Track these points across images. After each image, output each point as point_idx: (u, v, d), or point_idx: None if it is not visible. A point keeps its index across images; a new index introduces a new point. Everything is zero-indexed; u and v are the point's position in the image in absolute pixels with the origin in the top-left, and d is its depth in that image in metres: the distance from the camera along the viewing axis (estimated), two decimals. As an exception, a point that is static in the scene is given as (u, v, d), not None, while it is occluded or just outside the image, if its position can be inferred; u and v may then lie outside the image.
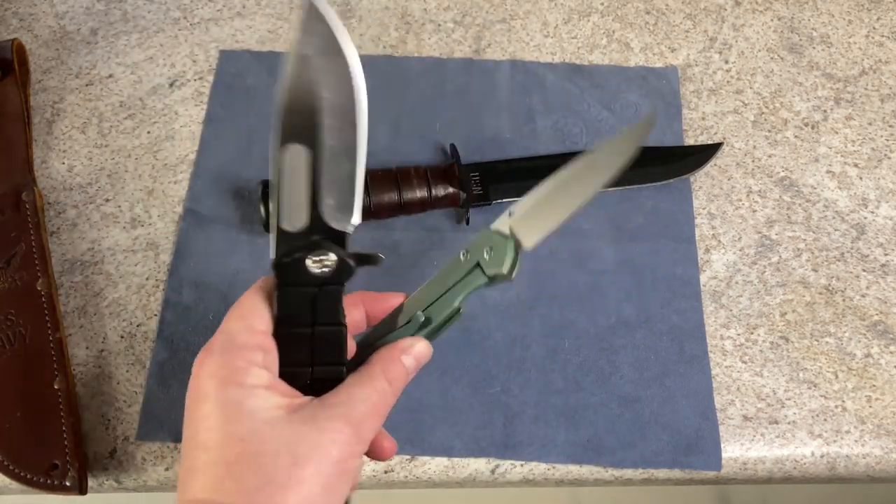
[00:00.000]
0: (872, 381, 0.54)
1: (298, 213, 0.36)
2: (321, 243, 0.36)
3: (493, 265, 0.39)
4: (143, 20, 0.69)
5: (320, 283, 0.37)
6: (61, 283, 0.57)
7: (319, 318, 0.37)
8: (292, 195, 0.36)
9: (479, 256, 0.39)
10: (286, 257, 0.36)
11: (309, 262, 0.36)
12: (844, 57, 0.68)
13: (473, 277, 0.39)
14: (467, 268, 0.39)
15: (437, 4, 0.70)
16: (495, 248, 0.39)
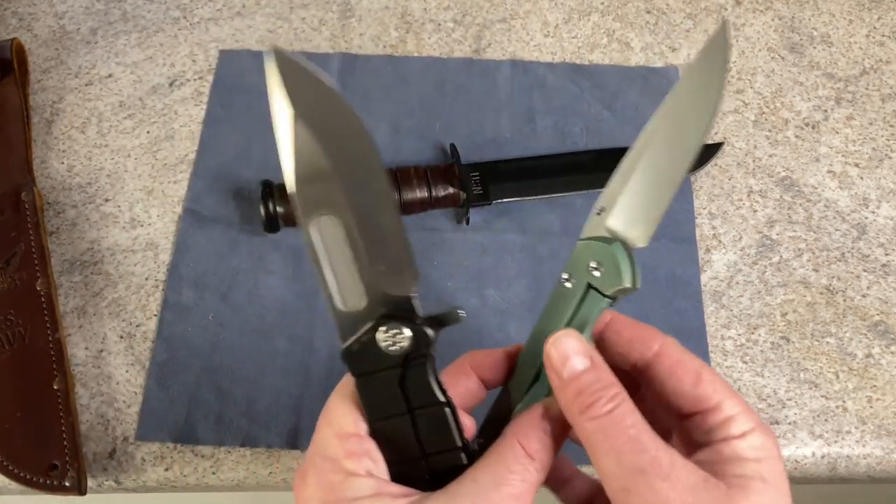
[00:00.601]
0: (873, 382, 0.54)
1: (352, 290, 0.32)
2: (388, 317, 0.32)
3: (609, 281, 0.33)
4: (142, 20, 0.68)
5: (402, 362, 0.32)
6: (61, 283, 0.57)
7: (413, 401, 0.32)
8: (339, 272, 0.32)
9: (587, 276, 0.34)
10: (354, 344, 0.32)
11: (380, 341, 0.32)
12: (845, 57, 0.68)
13: (591, 303, 0.34)
14: (578, 294, 0.34)
15: (437, 4, 0.70)
16: (604, 260, 0.33)
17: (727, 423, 0.32)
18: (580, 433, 0.32)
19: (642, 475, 0.29)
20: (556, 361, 0.33)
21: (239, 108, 0.64)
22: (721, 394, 0.33)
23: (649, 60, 0.67)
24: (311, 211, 0.31)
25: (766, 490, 0.30)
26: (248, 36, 0.68)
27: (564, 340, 0.33)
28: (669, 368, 0.34)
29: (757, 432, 0.32)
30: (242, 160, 0.62)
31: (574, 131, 0.64)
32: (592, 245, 0.34)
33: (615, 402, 0.31)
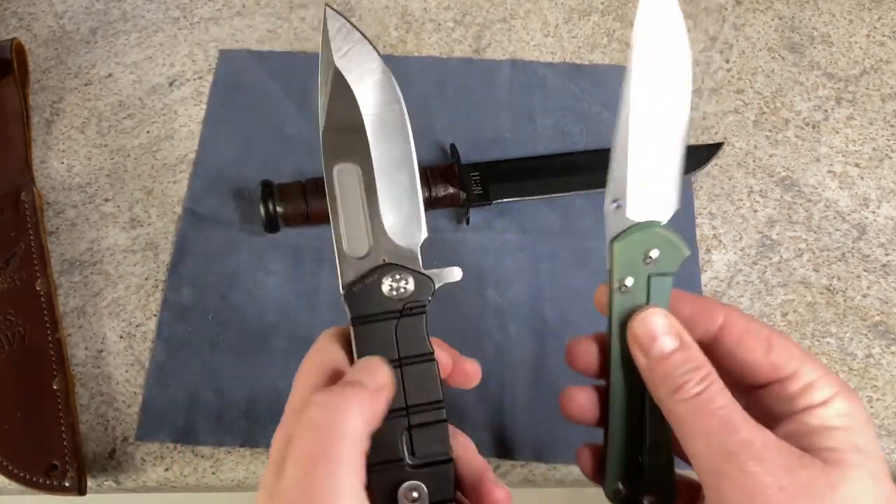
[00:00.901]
0: (873, 382, 0.54)
1: (360, 236, 0.34)
2: (394, 264, 0.34)
3: (671, 259, 0.33)
4: (142, 20, 0.68)
5: (399, 311, 0.33)
6: (60, 283, 0.57)
7: (405, 351, 0.33)
8: (350, 217, 0.34)
9: (645, 268, 0.33)
10: (357, 284, 0.33)
11: (385, 286, 0.33)
12: (845, 56, 0.68)
13: (659, 289, 0.33)
14: (643, 288, 0.33)
15: (437, 4, 0.70)
16: (657, 244, 0.33)
17: (808, 391, 0.31)
18: (669, 415, 0.31)
19: (734, 457, 0.28)
20: (644, 340, 0.32)
21: (239, 107, 0.64)
22: (797, 359, 0.31)
23: (649, 60, 0.67)
24: (334, 156, 0.34)
25: (863, 462, 0.29)
26: (247, 36, 0.68)
27: (651, 318, 0.32)
28: (738, 339, 0.33)
29: (841, 397, 0.30)
30: (242, 160, 0.61)
31: (574, 131, 0.64)
32: (633, 238, 0.33)
33: (705, 384, 0.30)
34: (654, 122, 0.33)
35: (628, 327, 0.33)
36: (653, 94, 0.33)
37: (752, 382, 0.33)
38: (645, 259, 0.33)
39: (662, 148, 0.33)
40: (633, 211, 0.33)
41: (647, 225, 0.33)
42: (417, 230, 0.34)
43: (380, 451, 0.33)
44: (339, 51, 0.34)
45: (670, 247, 0.33)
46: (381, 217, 0.34)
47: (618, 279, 0.33)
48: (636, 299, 0.33)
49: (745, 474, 0.28)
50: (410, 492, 0.32)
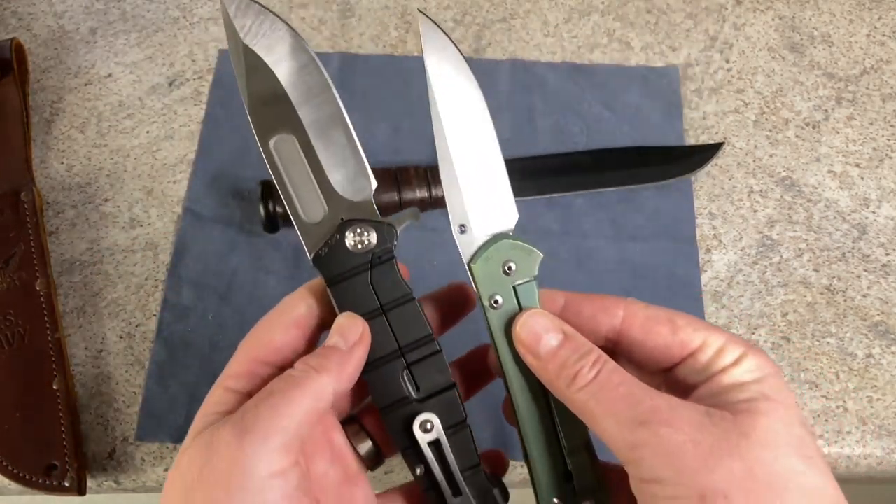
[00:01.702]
0: (874, 382, 0.54)
1: (313, 201, 0.35)
2: (352, 220, 0.35)
3: (528, 265, 0.34)
4: (142, 19, 0.68)
5: (370, 261, 0.34)
6: (60, 283, 0.57)
7: (384, 298, 0.34)
8: (299, 186, 0.35)
9: (508, 281, 0.34)
10: (323, 248, 0.34)
11: (348, 242, 0.34)
12: (846, 56, 0.68)
13: (527, 294, 0.34)
14: (512, 301, 0.34)
15: (437, 3, 0.70)
16: (511, 256, 0.34)
17: (718, 356, 0.32)
18: (573, 406, 0.32)
19: (644, 426, 0.29)
20: (530, 342, 0.33)
21: (238, 107, 0.64)
22: (702, 332, 0.33)
23: (649, 60, 0.67)
24: (267, 130, 0.35)
25: (773, 408, 0.30)
26: (247, 35, 0.67)
27: (532, 320, 0.33)
28: (642, 327, 0.34)
29: (749, 355, 0.32)
30: (242, 160, 0.61)
31: (574, 131, 0.63)
32: (488, 255, 0.34)
33: (598, 366, 0.31)
34: (468, 144, 0.35)
35: (513, 335, 0.34)
36: (457, 122, 0.35)
37: (666, 364, 0.34)
38: (505, 271, 0.34)
39: (485, 165, 0.35)
40: (479, 230, 0.35)
41: (496, 239, 0.35)
42: (366, 181, 0.35)
43: (386, 394, 0.34)
44: (244, 28, 0.34)
45: (524, 253, 0.34)
46: (328, 178, 0.35)
47: (487, 297, 0.34)
48: (509, 311, 0.34)
49: (659, 439, 0.29)
50: (424, 424, 0.34)
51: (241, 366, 0.33)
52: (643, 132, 0.63)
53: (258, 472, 0.29)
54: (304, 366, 0.32)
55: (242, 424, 0.30)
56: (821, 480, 0.29)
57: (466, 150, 0.35)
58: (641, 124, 0.64)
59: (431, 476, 0.35)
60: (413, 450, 0.35)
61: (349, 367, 0.32)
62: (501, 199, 0.35)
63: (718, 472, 0.28)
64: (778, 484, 0.28)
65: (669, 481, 0.28)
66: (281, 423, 0.30)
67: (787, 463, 0.29)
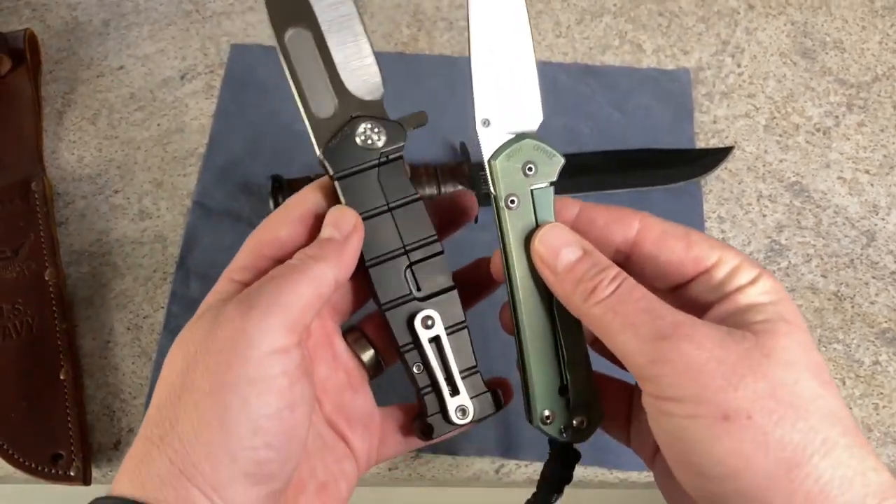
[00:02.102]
0: (880, 389, 0.54)
1: (324, 97, 0.35)
2: (363, 116, 0.35)
3: (547, 167, 0.34)
4: (154, 12, 0.69)
5: (378, 158, 0.35)
6: (69, 273, 0.57)
7: (391, 196, 0.35)
8: (312, 80, 0.35)
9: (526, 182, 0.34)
10: (333, 140, 0.35)
11: (358, 138, 0.35)
12: (857, 63, 0.68)
13: (543, 199, 0.34)
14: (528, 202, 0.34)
15: (449, 2, 0.70)
16: (531, 157, 0.33)
17: (734, 275, 0.32)
18: (590, 323, 0.32)
19: (666, 341, 0.29)
20: (548, 257, 0.33)
21: (249, 102, 0.64)
22: (718, 249, 0.32)
23: (661, 63, 0.67)
24: (283, 24, 0.35)
25: (791, 331, 0.29)
26: (259, 31, 0.68)
27: (550, 234, 0.33)
28: (657, 241, 0.33)
29: (765, 276, 0.31)
30: (252, 154, 0.62)
31: (584, 132, 0.63)
32: (510, 152, 0.34)
33: (618, 281, 0.31)
34: (502, 41, 0.34)
35: (532, 251, 0.33)
36: (494, 19, 0.35)
37: (678, 280, 0.33)
38: (525, 172, 0.34)
39: (517, 63, 0.35)
40: (503, 127, 0.34)
41: (520, 137, 0.34)
42: (377, 83, 0.36)
43: (389, 290, 0.35)
44: None
45: (546, 155, 0.34)
46: (340, 76, 0.35)
47: (504, 197, 0.34)
48: (524, 214, 0.34)
49: (681, 354, 0.28)
50: (426, 320, 0.35)
51: (247, 259, 0.34)
52: (653, 134, 0.63)
53: (261, 345, 0.29)
54: (303, 255, 0.32)
55: (248, 301, 0.30)
56: (837, 405, 0.29)
57: (500, 46, 0.34)
58: (652, 127, 0.64)
59: (431, 374, 0.35)
60: (414, 345, 0.35)
61: (346, 257, 0.33)
62: (529, 99, 0.35)
63: (742, 390, 0.28)
64: (800, 405, 0.28)
65: (690, 399, 0.28)
66: (283, 301, 0.30)
67: (808, 385, 0.28)
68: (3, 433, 0.49)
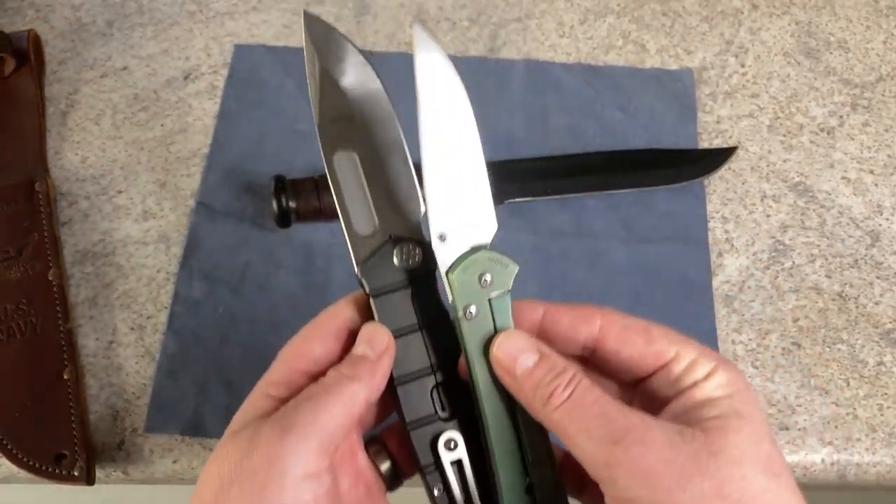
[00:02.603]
0: (884, 390, 0.54)
1: (365, 216, 0.36)
2: (401, 238, 0.36)
3: (503, 277, 0.34)
4: (158, 13, 0.69)
5: (413, 279, 0.36)
6: (72, 273, 0.57)
7: (424, 316, 0.36)
8: (354, 199, 0.36)
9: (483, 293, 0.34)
10: (370, 259, 0.35)
11: (395, 258, 0.35)
12: (862, 63, 0.67)
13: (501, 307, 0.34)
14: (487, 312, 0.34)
15: (452, 2, 0.70)
16: (487, 268, 0.34)
17: (690, 369, 0.32)
18: (549, 425, 0.32)
19: (618, 445, 0.30)
20: (506, 363, 0.33)
21: (253, 102, 0.64)
22: (676, 343, 0.33)
23: (664, 63, 0.67)
24: (332, 146, 0.36)
25: (742, 425, 0.30)
26: (263, 31, 0.68)
27: (508, 340, 0.34)
28: (618, 337, 0.34)
29: (720, 370, 0.32)
30: (255, 155, 0.62)
31: (588, 132, 0.63)
32: (466, 265, 0.34)
33: (573, 385, 0.32)
34: (453, 154, 0.35)
35: (491, 357, 0.34)
36: (443, 131, 0.36)
37: (640, 374, 0.34)
38: (481, 283, 0.34)
39: (469, 175, 0.35)
40: (459, 240, 0.35)
41: (474, 250, 0.35)
42: (416, 204, 0.36)
43: (414, 410, 0.35)
44: (322, 51, 0.36)
45: (501, 266, 0.35)
46: (382, 197, 0.36)
47: (462, 308, 0.34)
48: (482, 322, 0.34)
49: (633, 457, 0.29)
50: (449, 443, 0.35)
51: (281, 374, 0.34)
52: (657, 134, 0.63)
53: (295, 470, 0.30)
54: (337, 374, 0.33)
55: (283, 423, 0.31)
56: (787, 497, 0.30)
57: (451, 160, 0.35)
58: (655, 127, 0.64)
59: (451, 496, 0.35)
60: (435, 468, 0.35)
61: (378, 377, 0.33)
62: (482, 210, 0.35)
63: (690, 491, 0.29)
64: (746, 501, 0.29)
65: (643, 500, 0.29)
66: (319, 424, 0.31)
67: (756, 480, 0.29)
68: (7, 433, 0.49)
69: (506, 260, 0.35)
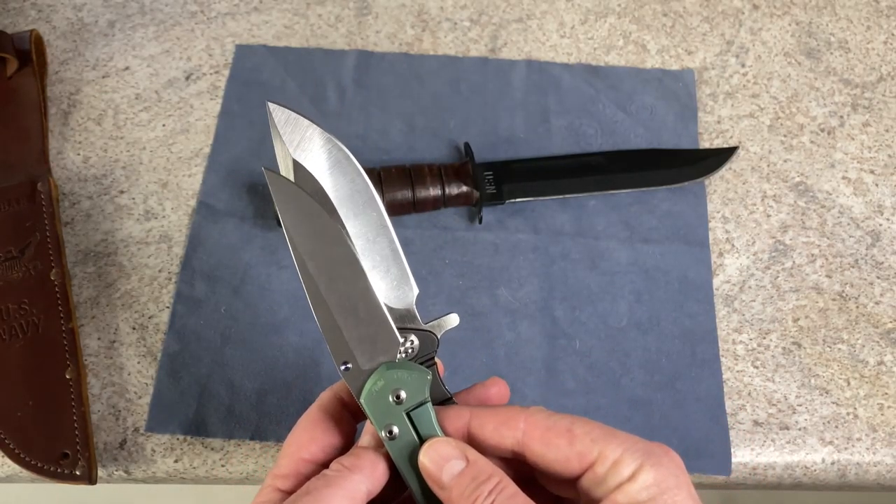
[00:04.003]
0: (885, 389, 0.54)
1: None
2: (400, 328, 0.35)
3: (418, 388, 0.34)
4: (160, 13, 0.69)
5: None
6: (74, 273, 0.57)
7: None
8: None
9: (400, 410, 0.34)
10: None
11: None
12: (862, 63, 0.67)
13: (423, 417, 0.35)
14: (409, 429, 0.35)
15: (453, 3, 0.70)
16: (399, 385, 0.34)
17: (615, 469, 0.31)
18: None
19: None
20: (434, 472, 0.33)
21: (254, 102, 0.64)
22: (600, 441, 0.32)
23: (665, 63, 0.67)
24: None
25: None
26: (264, 31, 0.68)
27: (433, 449, 0.34)
28: (542, 439, 0.33)
29: (645, 468, 0.31)
30: (257, 155, 0.62)
31: (588, 132, 0.64)
32: (375, 390, 0.34)
33: (496, 493, 0.32)
34: (339, 283, 0.35)
35: (420, 466, 0.34)
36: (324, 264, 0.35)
37: (568, 476, 0.33)
38: (395, 400, 0.34)
39: (360, 299, 0.35)
40: (364, 362, 0.35)
41: (381, 370, 0.35)
42: (409, 289, 0.36)
43: None
44: (292, 143, 0.35)
45: (410, 377, 0.34)
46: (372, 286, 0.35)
47: (383, 430, 0.34)
48: (406, 438, 0.34)
49: None
50: None
51: (288, 466, 0.35)
52: (657, 134, 0.63)
53: None
54: (339, 466, 0.33)
55: None
56: None
57: (338, 290, 0.35)
58: (656, 127, 0.64)
59: None
60: None
61: (380, 468, 0.34)
62: (379, 327, 0.35)
63: None
64: None
65: None
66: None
67: None
68: (10, 432, 0.50)
69: (416, 369, 0.35)
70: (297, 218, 0.34)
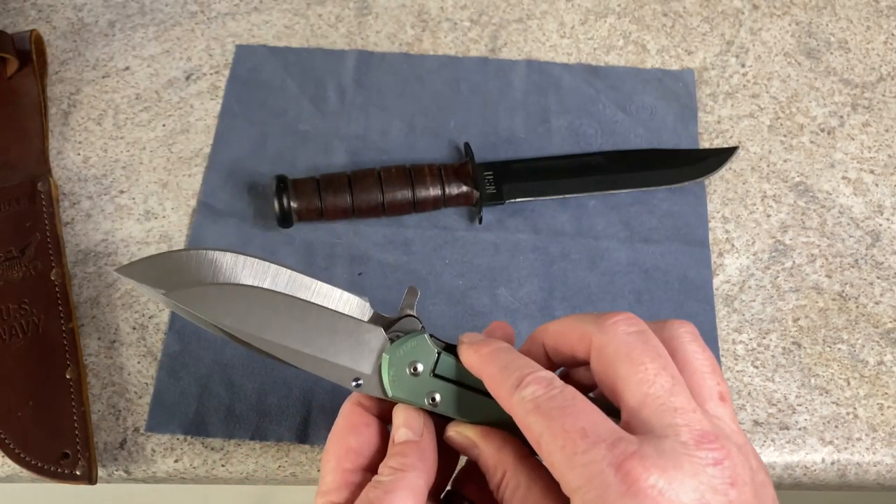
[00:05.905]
0: (885, 389, 0.54)
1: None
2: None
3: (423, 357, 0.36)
4: (160, 13, 0.69)
5: None
6: (75, 273, 0.57)
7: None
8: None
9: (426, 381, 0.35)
10: None
11: None
12: (862, 63, 0.68)
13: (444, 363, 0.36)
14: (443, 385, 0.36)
15: (453, 3, 0.70)
16: (413, 357, 0.35)
17: None
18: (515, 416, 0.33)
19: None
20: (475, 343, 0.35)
21: (254, 102, 0.64)
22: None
23: (665, 63, 0.67)
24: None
25: None
26: (265, 31, 0.68)
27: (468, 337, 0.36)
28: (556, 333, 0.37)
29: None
30: (257, 155, 0.62)
31: (588, 132, 0.64)
32: (397, 379, 0.35)
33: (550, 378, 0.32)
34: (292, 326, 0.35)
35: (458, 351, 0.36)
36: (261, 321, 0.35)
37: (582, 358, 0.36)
38: (414, 373, 0.35)
39: (321, 322, 0.35)
40: (367, 368, 0.36)
41: (385, 362, 0.35)
42: (359, 301, 0.37)
43: None
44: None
45: (412, 346, 0.36)
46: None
47: (427, 402, 0.35)
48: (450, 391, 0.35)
49: None
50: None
51: (335, 480, 0.35)
52: (657, 135, 0.63)
53: None
54: (390, 470, 0.33)
55: None
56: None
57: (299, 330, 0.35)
58: (656, 127, 0.64)
59: None
60: None
61: (428, 456, 0.34)
62: (356, 328, 0.36)
63: None
64: None
65: None
66: None
67: None
68: (10, 432, 0.50)
69: (410, 337, 0.36)
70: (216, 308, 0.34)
